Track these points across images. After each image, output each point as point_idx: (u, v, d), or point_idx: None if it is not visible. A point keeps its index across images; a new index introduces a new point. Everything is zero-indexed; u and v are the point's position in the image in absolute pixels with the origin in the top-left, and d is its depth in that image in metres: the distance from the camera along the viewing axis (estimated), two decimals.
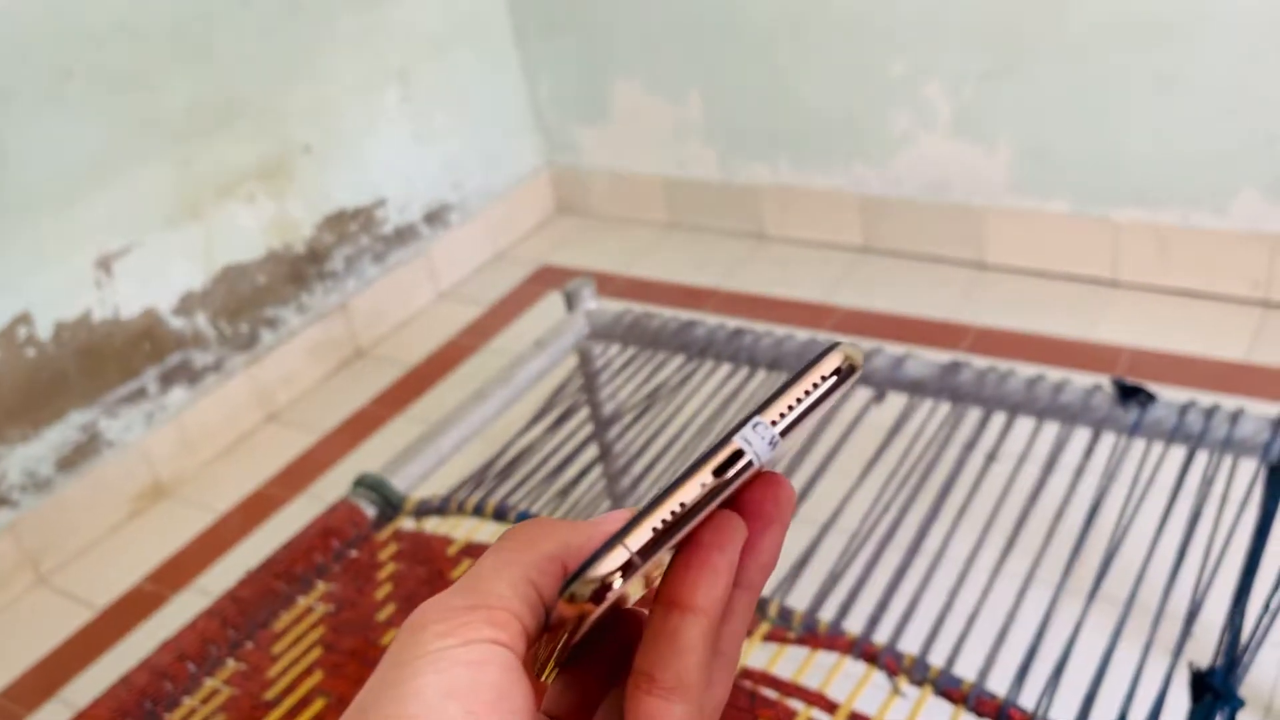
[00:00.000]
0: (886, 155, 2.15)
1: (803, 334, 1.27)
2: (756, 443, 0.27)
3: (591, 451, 1.31)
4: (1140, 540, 0.94)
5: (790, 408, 0.28)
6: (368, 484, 1.14)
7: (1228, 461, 0.99)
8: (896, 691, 0.84)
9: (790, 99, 2.20)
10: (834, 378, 0.28)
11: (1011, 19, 1.89)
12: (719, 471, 0.27)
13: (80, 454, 1.83)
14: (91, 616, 1.71)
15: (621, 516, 0.29)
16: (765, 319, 2.07)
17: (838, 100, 2.15)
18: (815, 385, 0.28)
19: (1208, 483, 0.96)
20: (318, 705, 0.91)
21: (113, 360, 1.86)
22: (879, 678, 0.86)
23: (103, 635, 1.67)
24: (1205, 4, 1.73)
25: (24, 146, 1.70)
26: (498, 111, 2.49)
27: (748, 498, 0.29)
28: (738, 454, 0.27)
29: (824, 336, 1.24)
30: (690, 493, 0.27)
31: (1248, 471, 0.99)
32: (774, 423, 0.27)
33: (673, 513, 0.26)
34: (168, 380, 1.94)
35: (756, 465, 0.27)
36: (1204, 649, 1.02)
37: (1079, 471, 1.02)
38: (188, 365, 1.97)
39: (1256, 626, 0.85)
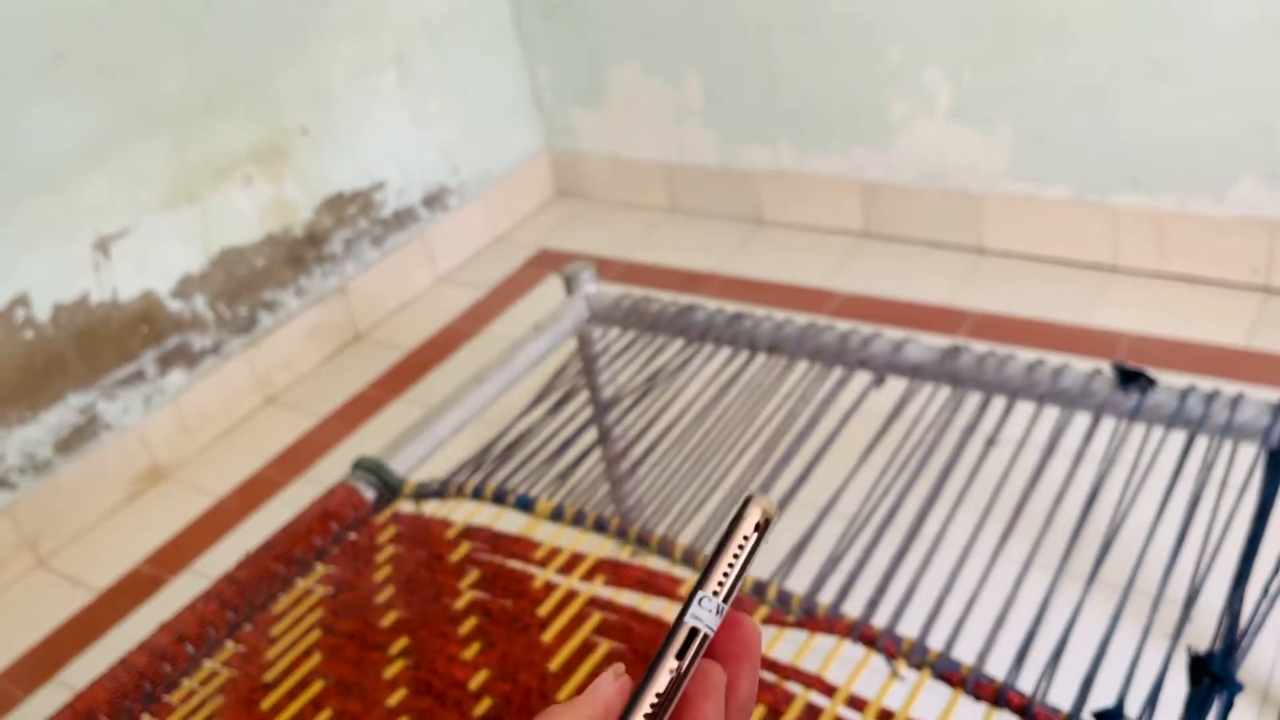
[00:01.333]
0: (886, 140, 2.14)
1: (802, 318, 1.26)
2: (706, 617, 0.31)
3: (591, 435, 1.31)
4: (1140, 525, 0.94)
5: (726, 574, 0.31)
6: (367, 467, 1.14)
7: (1228, 446, 0.99)
8: (895, 674, 0.84)
9: (789, 83, 2.19)
10: (756, 534, 0.32)
11: (1010, 4, 1.89)
12: (680, 654, 0.30)
13: (79, 436, 1.82)
14: (90, 599, 1.71)
15: (607, 684, 0.31)
16: (764, 304, 2.07)
17: (837, 85, 2.14)
18: (742, 546, 0.31)
19: (1208, 467, 0.96)
20: (316, 687, 0.91)
21: (111, 343, 1.85)
22: (878, 661, 0.86)
23: (101, 617, 1.67)
24: None
25: (18, 129, 1.69)
26: (496, 95, 2.48)
27: (716, 642, 0.32)
28: (693, 633, 0.30)
29: (823, 321, 1.24)
30: (662, 682, 0.30)
31: (1248, 456, 0.99)
32: (715, 593, 0.31)
33: (652, 705, 0.30)
34: (166, 363, 1.93)
35: (711, 635, 0.31)
36: (1203, 633, 1.02)
37: (1079, 456, 1.01)
38: (186, 348, 1.96)
39: (1255, 611, 0.85)
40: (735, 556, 0.31)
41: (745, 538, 0.31)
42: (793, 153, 2.27)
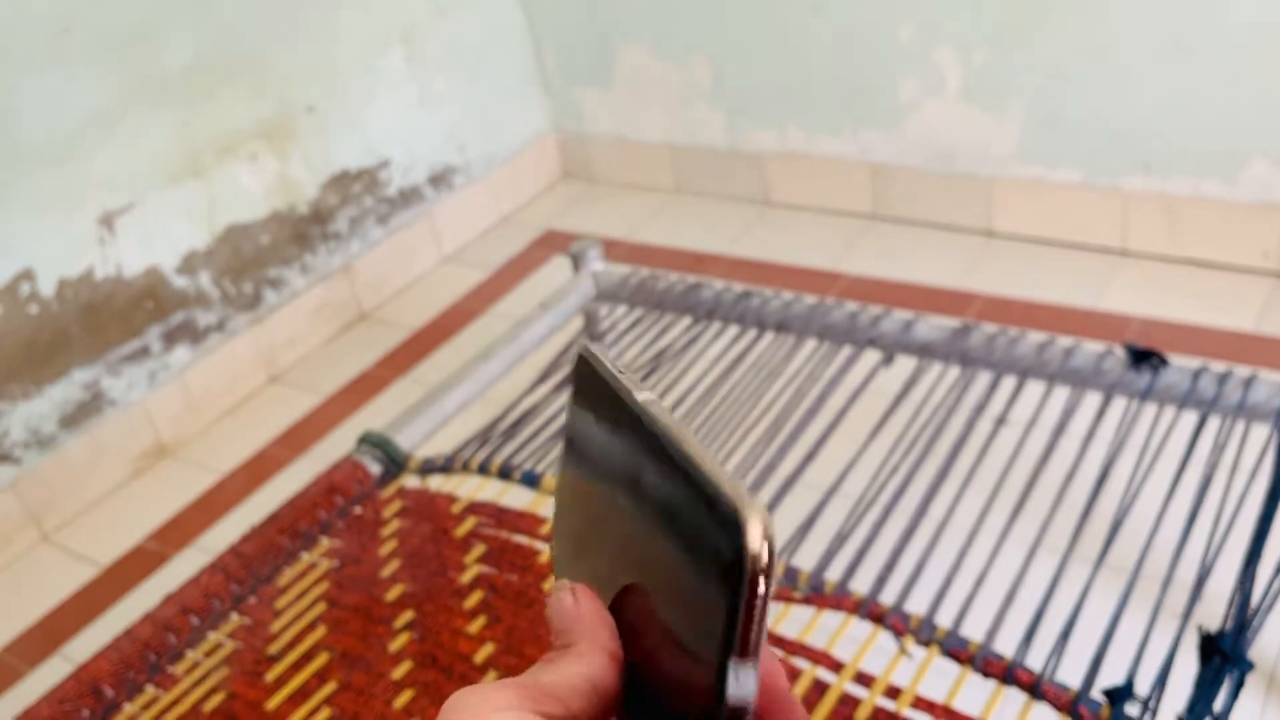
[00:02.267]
0: (895, 122, 2.13)
1: (810, 297, 1.26)
2: (747, 685, 0.26)
3: None
4: (1150, 505, 0.93)
5: (753, 633, 0.26)
6: (372, 441, 1.13)
7: (1240, 427, 0.98)
8: (903, 651, 0.83)
9: (798, 64, 2.18)
10: (765, 580, 0.26)
11: None
12: None
13: (83, 412, 1.82)
14: (94, 574, 1.71)
15: (585, 630, 0.28)
16: (772, 286, 2.06)
17: (846, 66, 2.13)
18: (760, 595, 0.26)
19: (1219, 448, 0.95)
20: (320, 660, 0.90)
21: (115, 319, 1.85)
22: (885, 638, 0.86)
23: (105, 593, 1.67)
24: None
25: (24, 103, 1.68)
26: (503, 74, 2.46)
27: None
28: (739, 712, 0.26)
29: (831, 302, 1.23)
30: None
31: (1260, 437, 0.98)
32: (746, 657, 0.26)
33: None
34: (171, 339, 1.93)
35: (753, 705, 0.26)
36: (1212, 615, 1.02)
37: (1089, 436, 1.01)
38: (191, 325, 1.96)
39: (1267, 591, 0.84)
40: (757, 610, 0.26)
41: (762, 587, 0.26)
42: (801, 134, 2.26)
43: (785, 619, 0.88)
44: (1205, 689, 0.77)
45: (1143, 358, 1.01)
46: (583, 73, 2.48)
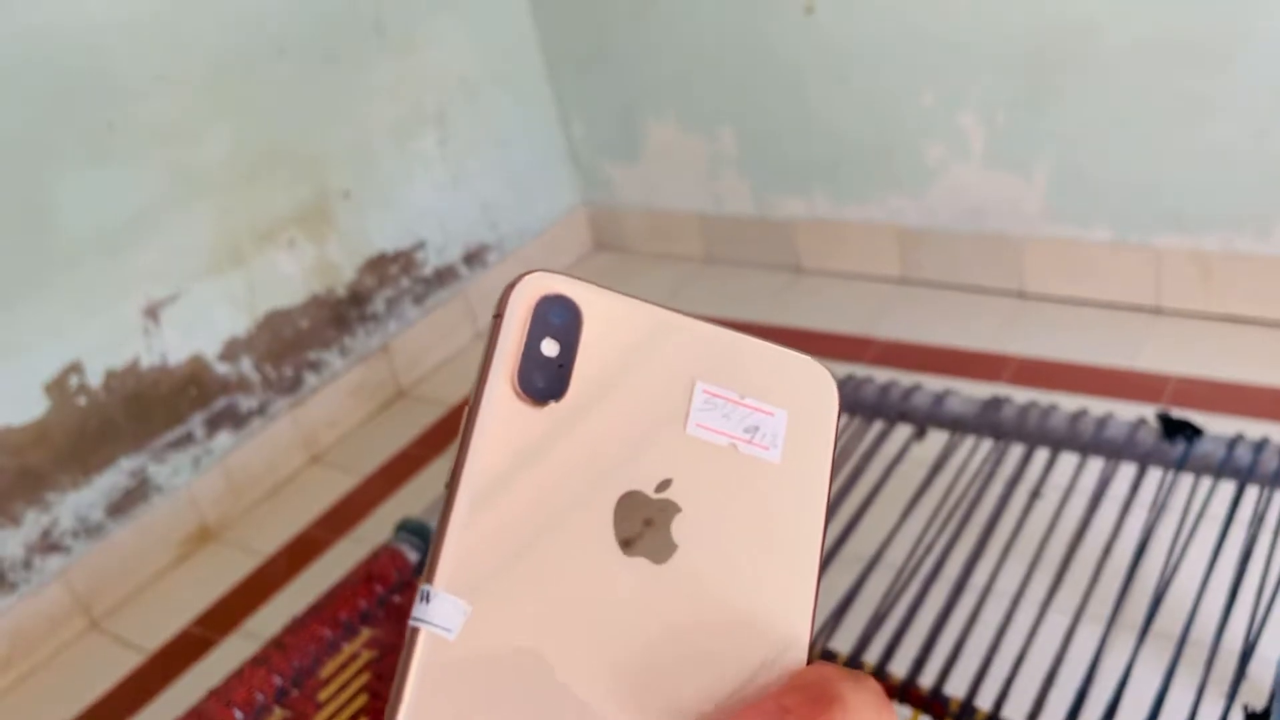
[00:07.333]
0: (921, 186, 2.15)
1: (842, 368, 1.26)
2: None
3: None
4: (1191, 576, 0.93)
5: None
6: (410, 529, 1.15)
7: (1279, 496, 0.97)
8: None
9: (823, 132, 2.20)
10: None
11: (1044, 45, 1.89)
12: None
13: (130, 499, 1.85)
14: (141, 661, 1.73)
15: None
16: (804, 353, 2.06)
17: (871, 132, 2.15)
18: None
19: (1259, 517, 0.94)
20: None
21: (160, 407, 1.88)
22: None
23: (153, 679, 1.68)
24: (1243, 25, 1.71)
25: (70, 198, 1.74)
26: (533, 151, 2.51)
27: None
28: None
29: (862, 371, 1.24)
30: None
31: None
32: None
33: None
34: (214, 425, 1.96)
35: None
36: (1260, 688, 1.00)
37: (1126, 506, 1.00)
38: (233, 410, 1.99)
39: None
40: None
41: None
42: (829, 200, 2.27)
43: None
44: None
45: (1176, 429, 1.01)
46: (611, 146, 2.52)
